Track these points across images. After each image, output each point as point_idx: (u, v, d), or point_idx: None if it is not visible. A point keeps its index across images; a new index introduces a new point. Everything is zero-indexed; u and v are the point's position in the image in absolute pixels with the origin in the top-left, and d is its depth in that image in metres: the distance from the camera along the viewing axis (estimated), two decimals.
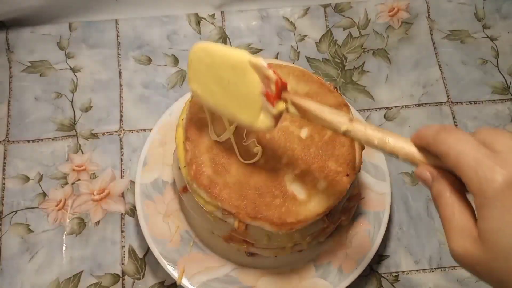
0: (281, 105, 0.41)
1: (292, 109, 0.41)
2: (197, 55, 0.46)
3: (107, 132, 0.66)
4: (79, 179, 0.63)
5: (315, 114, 0.40)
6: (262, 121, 0.42)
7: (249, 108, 0.42)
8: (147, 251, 0.60)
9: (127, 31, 0.72)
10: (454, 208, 0.33)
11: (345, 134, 0.38)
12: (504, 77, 0.71)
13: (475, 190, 0.31)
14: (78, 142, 0.65)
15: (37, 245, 0.60)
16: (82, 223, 0.61)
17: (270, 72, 0.40)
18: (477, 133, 0.33)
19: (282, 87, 0.40)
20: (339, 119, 0.39)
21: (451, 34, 0.73)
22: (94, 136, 0.65)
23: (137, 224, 0.59)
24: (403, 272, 0.60)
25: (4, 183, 0.63)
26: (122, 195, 0.63)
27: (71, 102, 0.67)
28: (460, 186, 0.33)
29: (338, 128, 0.38)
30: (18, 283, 0.58)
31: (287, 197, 0.48)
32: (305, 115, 0.40)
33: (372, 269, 0.60)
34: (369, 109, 0.68)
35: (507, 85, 0.70)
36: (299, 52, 0.71)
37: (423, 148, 0.35)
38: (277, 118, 0.41)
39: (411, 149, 0.36)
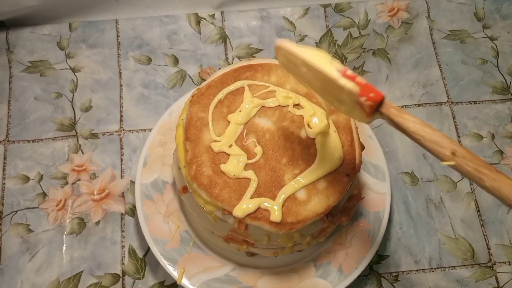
0: (377, 117, 0.39)
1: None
2: (282, 58, 0.43)
3: (107, 132, 0.66)
4: (79, 179, 0.63)
5: (415, 138, 0.37)
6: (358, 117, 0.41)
7: (345, 105, 0.40)
8: (147, 251, 0.60)
9: (127, 31, 0.72)
10: None
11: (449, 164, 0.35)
12: (504, 77, 0.71)
13: None
14: (78, 142, 0.65)
15: (37, 245, 0.60)
16: (82, 223, 0.61)
17: (363, 100, 0.38)
18: None
19: (377, 105, 0.38)
20: (441, 148, 0.36)
21: (451, 34, 0.73)
22: (94, 136, 0.65)
23: (137, 224, 0.59)
24: (403, 272, 0.60)
25: (4, 183, 0.63)
26: (122, 195, 0.63)
27: (71, 102, 0.67)
28: None
29: (440, 157, 0.36)
30: (18, 283, 0.58)
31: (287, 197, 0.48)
32: (402, 132, 0.38)
33: (372, 269, 0.60)
34: None
35: (507, 85, 0.70)
36: None
37: None
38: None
39: None
